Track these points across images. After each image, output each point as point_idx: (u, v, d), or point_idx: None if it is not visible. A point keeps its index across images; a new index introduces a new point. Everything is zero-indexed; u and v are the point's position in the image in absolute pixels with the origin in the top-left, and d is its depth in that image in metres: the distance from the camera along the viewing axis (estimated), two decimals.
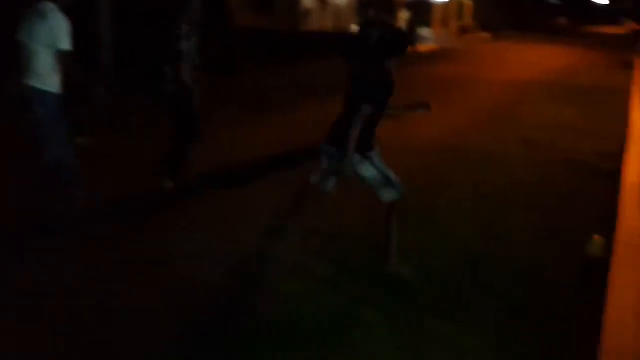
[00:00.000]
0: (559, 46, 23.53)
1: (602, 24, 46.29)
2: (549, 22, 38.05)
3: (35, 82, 4.50)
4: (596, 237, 4.65)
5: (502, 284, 4.13)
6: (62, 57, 4.45)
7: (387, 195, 4.01)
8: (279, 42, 16.29)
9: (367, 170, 3.96)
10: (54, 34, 4.40)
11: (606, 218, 5.32)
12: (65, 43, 4.42)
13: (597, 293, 3.95)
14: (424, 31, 22.73)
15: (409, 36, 17.91)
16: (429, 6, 24.92)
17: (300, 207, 5.38)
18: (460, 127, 8.26)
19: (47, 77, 4.48)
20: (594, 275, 4.24)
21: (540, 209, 5.56)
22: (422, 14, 21.15)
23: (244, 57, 13.08)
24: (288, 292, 3.85)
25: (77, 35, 4.55)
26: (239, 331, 3.41)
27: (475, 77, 13.06)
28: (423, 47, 20.59)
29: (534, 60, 17.62)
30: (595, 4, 59.30)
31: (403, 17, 21.81)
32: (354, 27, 21.00)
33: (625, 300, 3.90)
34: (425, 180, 6.20)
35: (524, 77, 13.19)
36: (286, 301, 3.74)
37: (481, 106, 10.10)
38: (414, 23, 20.95)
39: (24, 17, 4.53)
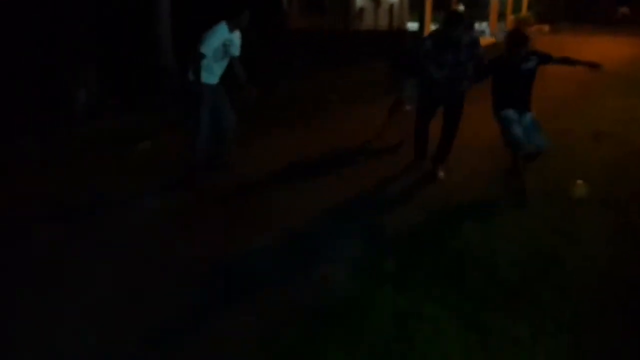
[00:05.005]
0: (622, 37, 22.62)
1: None
2: (610, 12, 36.66)
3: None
4: (579, 182, 5.59)
5: (576, 284, 3.99)
6: (193, 53, 5.54)
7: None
8: (334, 43, 16.27)
9: None
10: (202, 38, 5.57)
11: None
12: (201, 47, 5.52)
13: None
14: (481, 26, 22.31)
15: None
16: (486, 0, 24.43)
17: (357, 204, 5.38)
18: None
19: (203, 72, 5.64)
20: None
21: (614, 205, 5.34)
22: (479, 8, 20.72)
23: (300, 59, 13.14)
24: (354, 289, 3.84)
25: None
26: (306, 328, 3.42)
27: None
28: (481, 41, 20.14)
29: (596, 52, 16.98)
30: None
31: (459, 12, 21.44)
32: (410, 25, 20.81)
33: None
34: (492, 177, 6.08)
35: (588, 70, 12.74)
36: (353, 299, 3.73)
37: (546, 100, 9.78)
38: (471, 18, 20.54)
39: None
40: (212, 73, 5.74)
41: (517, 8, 26.67)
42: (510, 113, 5.56)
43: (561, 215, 5.17)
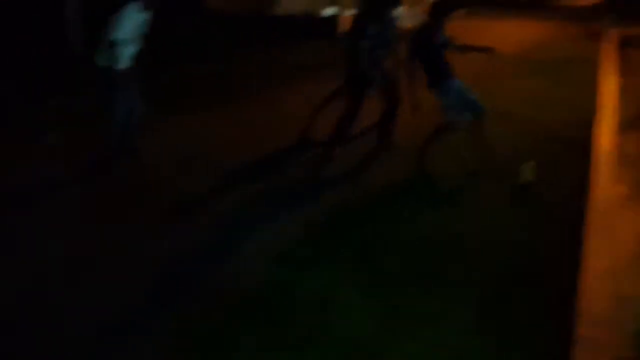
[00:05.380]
0: (527, 19, 23.63)
1: None
2: None
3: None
4: (530, 163, 5.56)
5: (478, 254, 4.19)
6: (105, 39, 5.45)
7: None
8: (251, 26, 16.11)
9: None
10: (113, 22, 5.43)
11: (580, 186, 5.40)
12: (113, 32, 5.39)
13: (573, 260, 4.03)
14: (395, 11, 22.62)
15: None
16: None
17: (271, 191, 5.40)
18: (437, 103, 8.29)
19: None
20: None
21: (515, 179, 5.60)
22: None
23: (215, 42, 12.95)
24: (271, 277, 3.87)
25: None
26: (223, 311, 3.42)
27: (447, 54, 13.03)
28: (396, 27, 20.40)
29: (505, 35, 17.64)
30: None
31: None
32: (327, 11, 20.83)
33: (600, 267, 3.96)
34: (408, 157, 6.22)
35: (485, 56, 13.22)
36: (270, 286, 3.76)
37: None
38: None
39: None
40: (125, 57, 5.60)
41: None
42: (455, 82, 5.71)
43: (470, 192, 5.41)
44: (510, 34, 18.12)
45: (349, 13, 19.89)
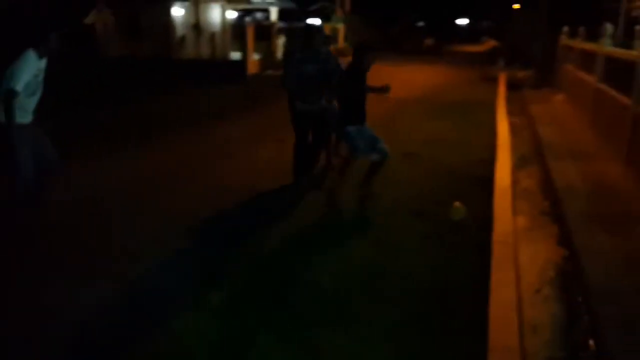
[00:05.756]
0: (428, 65, 24.84)
1: (465, 43, 49.58)
2: (418, 43, 40.09)
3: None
4: (456, 204, 5.81)
5: (394, 291, 4.23)
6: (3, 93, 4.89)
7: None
8: (152, 71, 15.96)
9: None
10: (10, 73, 4.91)
11: (484, 220, 5.62)
12: (11, 83, 4.86)
13: (483, 293, 4.15)
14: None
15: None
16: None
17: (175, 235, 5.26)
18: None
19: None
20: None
21: (422, 216, 5.76)
22: (297, 39, 21.54)
23: (114, 87, 12.71)
24: (180, 324, 3.71)
25: None
26: None
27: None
28: None
29: (406, 79, 18.42)
30: (457, 25, 63.74)
31: (280, 43, 22.14)
32: (234, 55, 20.96)
33: (506, 298, 4.10)
34: (315, 197, 6.27)
35: (398, 96, 13.69)
36: (179, 334, 3.61)
37: None
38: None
39: None
40: (25, 110, 5.11)
41: (333, 40, 28.08)
42: (355, 129, 5.89)
43: (379, 227, 5.51)
44: (412, 78, 18.92)
45: (256, 57, 20.16)
